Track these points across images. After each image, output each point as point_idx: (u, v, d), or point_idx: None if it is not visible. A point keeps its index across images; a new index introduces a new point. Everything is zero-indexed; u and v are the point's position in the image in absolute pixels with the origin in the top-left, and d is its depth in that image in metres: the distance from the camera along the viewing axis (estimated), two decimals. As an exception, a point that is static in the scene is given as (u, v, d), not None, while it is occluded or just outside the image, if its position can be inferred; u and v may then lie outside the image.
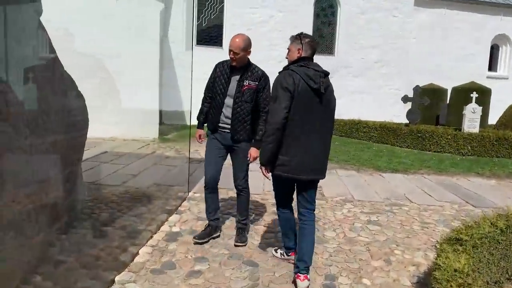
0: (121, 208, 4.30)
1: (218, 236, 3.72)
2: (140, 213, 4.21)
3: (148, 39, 9.28)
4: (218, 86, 3.46)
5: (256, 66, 3.49)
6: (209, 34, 14.18)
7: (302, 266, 2.90)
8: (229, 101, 3.42)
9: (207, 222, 3.74)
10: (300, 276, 2.89)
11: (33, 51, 2.98)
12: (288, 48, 2.96)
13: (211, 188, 3.58)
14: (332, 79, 3.06)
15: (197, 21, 14.04)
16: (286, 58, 2.98)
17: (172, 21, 13.33)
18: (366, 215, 4.67)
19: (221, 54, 13.95)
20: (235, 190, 3.70)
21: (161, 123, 10.76)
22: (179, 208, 4.53)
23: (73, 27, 8.98)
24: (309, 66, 2.80)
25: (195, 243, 3.54)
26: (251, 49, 3.41)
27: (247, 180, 3.61)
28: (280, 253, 3.38)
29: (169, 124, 11.34)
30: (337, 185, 6.06)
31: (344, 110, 12.28)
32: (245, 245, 3.57)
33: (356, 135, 11.42)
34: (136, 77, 9.07)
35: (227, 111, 3.43)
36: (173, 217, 4.22)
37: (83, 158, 6.98)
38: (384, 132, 10.69)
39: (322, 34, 14.43)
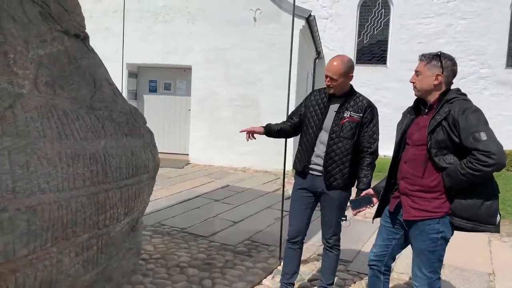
0: (178, 279, 3.26)
1: None
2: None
3: (285, 60, 8.34)
4: (312, 117, 2.88)
5: (361, 95, 2.89)
6: (371, 51, 12.54)
7: None
8: (323, 136, 2.83)
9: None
10: None
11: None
12: (417, 70, 2.27)
13: (294, 243, 2.99)
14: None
15: (358, 38, 12.57)
16: (412, 82, 2.30)
17: (329, 39, 12.21)
18: None
19: (385, 73, 12.16)
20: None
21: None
22: (254, 288, 3.24)
23: (214, 54, 8.74)
24: None
25: None
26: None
27: (339, 237, 2.98)
28: None
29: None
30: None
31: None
32: None
33: None
34: (271, 102, 8.21)
35: (319, 148, 2.84)
36: (236, 307, 2.96)
37: (202, 191, 6.40)
38: None
39: (523, 43, 11.24)
